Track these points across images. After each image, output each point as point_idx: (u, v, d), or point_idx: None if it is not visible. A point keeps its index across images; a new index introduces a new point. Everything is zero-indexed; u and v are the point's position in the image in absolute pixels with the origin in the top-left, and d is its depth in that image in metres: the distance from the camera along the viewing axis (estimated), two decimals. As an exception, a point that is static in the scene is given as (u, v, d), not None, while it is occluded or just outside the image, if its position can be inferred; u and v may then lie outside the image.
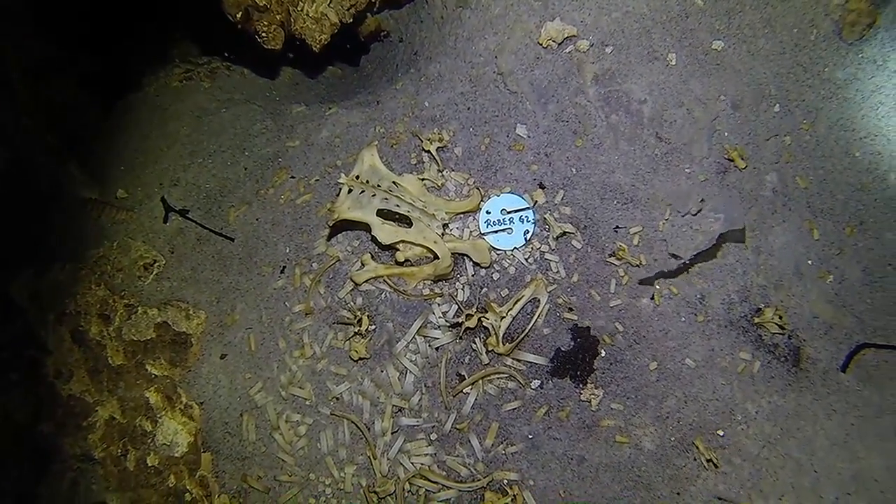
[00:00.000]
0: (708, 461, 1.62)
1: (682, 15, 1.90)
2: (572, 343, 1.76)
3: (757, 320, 1.72)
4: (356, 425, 1.77)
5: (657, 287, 1.77)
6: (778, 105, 1.90)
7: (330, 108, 2.24)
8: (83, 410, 1.55)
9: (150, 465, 1.60)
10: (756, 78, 1.90)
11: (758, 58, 1.91)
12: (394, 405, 1.77)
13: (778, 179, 1.85)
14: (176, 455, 1.66)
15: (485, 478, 1.70)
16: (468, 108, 1.98)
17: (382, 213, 1.82)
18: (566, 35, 1.90)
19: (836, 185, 1.93)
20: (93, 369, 1.62)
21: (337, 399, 1.80)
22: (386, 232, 1.80)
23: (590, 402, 1.71)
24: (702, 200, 1.78)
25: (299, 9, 2.07)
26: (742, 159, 1.83)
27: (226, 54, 2.50)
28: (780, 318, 1.71)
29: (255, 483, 1.78)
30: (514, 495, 1.68)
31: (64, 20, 2.42)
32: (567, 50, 1.91)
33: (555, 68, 1.92)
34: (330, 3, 2.13)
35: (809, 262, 1.79)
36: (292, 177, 2.09)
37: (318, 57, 2.26)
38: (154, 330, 1.80)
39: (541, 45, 1.92)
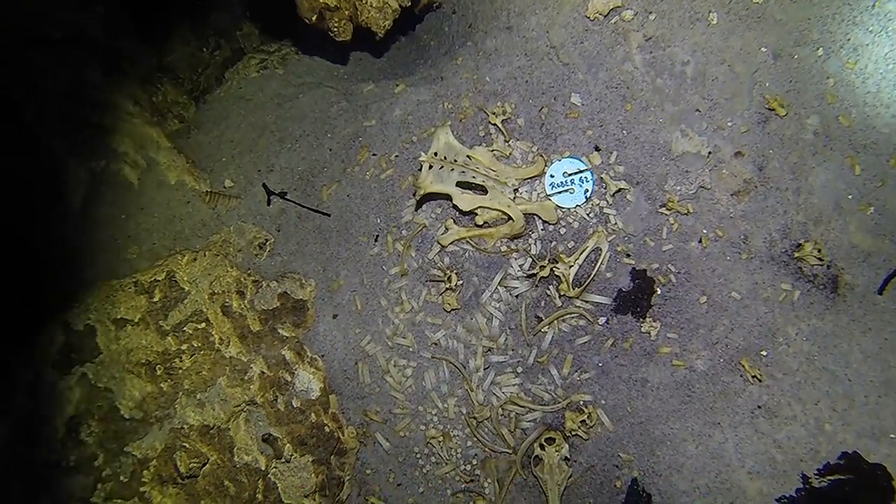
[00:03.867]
0: (753, 377, 1.93)
1: (721, -26, 2.03)
2: (632, 284, 2.05)
3: (797, 254, 1.96)
4: (454, 364, 2.14)
5: (704, 231, 2.02)
6: (821, 49, 2.02)
7: (398, 86, 2.49)
8: (242, 367, 1.95)
9: (295, 406, 2.02)
10: (798, 25, 2.02)
11: (801, 3, 2.02)
12: (484, 346, 2.12)
13: (819, 122, 2.01)
14: (312, 398, 2.07)
15: (564, 400, 2.06)
16: (526, 81, 2.20)
17: (461, 184, 2.11)
18: (611, 7, 2.07)
19: (881, 120, 2.03)
20: (241, 335, 2.02)
21: (435, 344, 2.17)
22: (465, 200, 2.09)
23: (649, 333, 2.02)
24: (738, 152, 1.99)
25: (364, 2, 2.29)
26: (782, 107, 2.01)
27: (294, 48, 2.74)
28: (819, 250, 1.94)
29: (374, 416, 2.19)
30: (588, 413, 2.03)
31: (151, 22, 2.70)
32: (613, 20, 2.09)
33: (602, 38, 2.10)
34: (390, -9, 2.34)
35: (850, 196, 1.99)
36: (374, 154, 2.38)
37: (382, 41, 2.49)
38: (278, 299, 2.18)
39: (588, 17, 2.10)
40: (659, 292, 2.03)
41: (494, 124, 2.19)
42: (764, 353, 1.95)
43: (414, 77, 2.52)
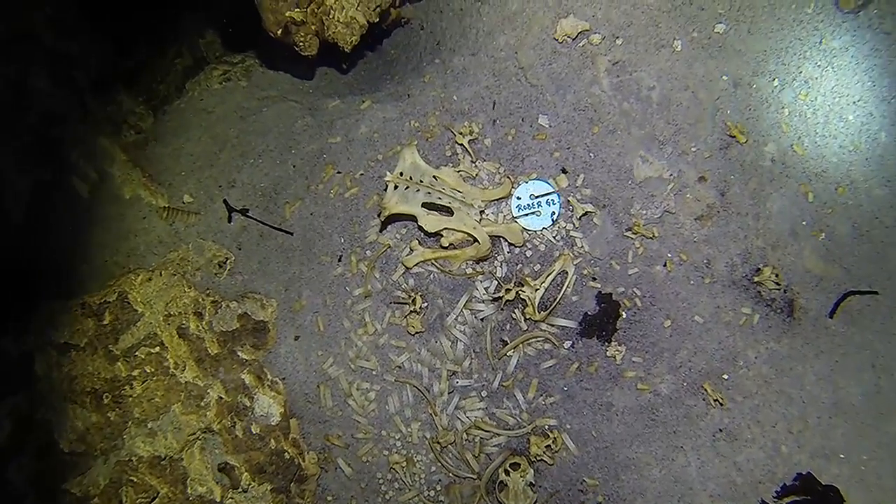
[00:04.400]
0: (715, 400, 1.94)
1: (686, 2, 2.07)
2: (597, 308, 2.05)
3: (756, 279, 1.99)
4: (418, 388, 2.10)
5: (669, 255, 2.03)
6: (777, 80, 2.08)
7: (364, 102, 2.45)
8: (198, 393, 1.88)
9: (254, 432, 1.95)
10: (756, 56, 2.08)
11: (758, 36, 2.08)
12: (448, 369, 2.09)
13: (776, 149, 2.06)
14: (272, 424, 2.01)
15: (529, 425, 2.04)
16: (493, 101, 2.19)
17: (426, 205, 2.08)
18: (580, 30, 2.08)
19: (829, 150, 2.13)
20: (198, 359, 1.94)
21: (399, 367, 2.12)
22: (431, 221, 2.07)
23: (614, 357, 2.02)
24: (701, 177, 2.02)
25: (331, 17, 2.25)
26: (742, 134, 2.04)
27: (258, 60, 2.68)
28: (777, 275, 1.97)
29: (336, 441, 2.13)
30: (554, 437, 2.02)
31: (108, 24, 2.58)
32: (581, 43, 2.10)
33: (570, 61, 2.11)
34: (357, 6, 2.30)
35: (804, 222, 2.04)
36: (338, 172, 2.33)
37: (348, 55, 2.45)
38: (237, 321, 2.11)
39: (557, 40, 2.11)
40: (624, 316, 2.04)
41: (461, 144, 2.17)
42: (725, 376, 1.97)
43: (380, 93, 2.49)
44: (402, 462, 2.10)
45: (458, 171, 2.14)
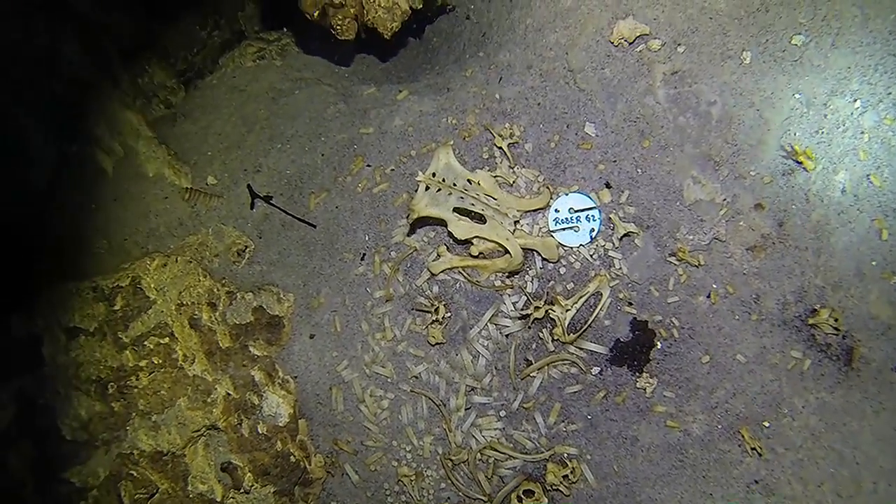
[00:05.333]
0: (752, 448, 1.80)
1: (761, 9, 1.88)
2: (631, 335, 1.91)
3: (811, 320, 1.82)
4: (433, 401, 2.00)
5: (714, 286, 1.88)
6: (859, 101, 1.88)
7: (401, 92, 2.32)
8: (206, 388, 1.81)
9: (261, 432, 1.88)
10: (837, 73, 1.87)
11: (842, 50, 1.88)
12: (467, 385, 1.98)
13: (848, 179, 1.87)
14: (280, 424, 1.93)
15: (547, 451, 1.93)
16: (538, 104, 2.04)
17: (458, 210, 1.95)
18: (638, 34, 1.91)
19: None
20: (208, 352, 1.87)
21: (416, 378, 2.02)
22: (461, 228, 1.94)
23: (644, 389, 1.88)
24: (758, 204, 1.85)
25: (371, 1, 2.12)
26: (810, 159, 1.86)
27: (294, 39, 2.57)
28: (836, 319, 1.80)
29: (345, 446, 2.05)
30: (572, 467, 1.90)
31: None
32: (638, 49, 1.93)
33: (625, 67, 1.95)
34: (401, -9, 2.16)
35: (874, 262, 1.85)
36: (368, 165, 2.22)
37: (388, 42, 2.32)
38: (252, 314, 2.03)
39: (612, 43, 1.95)
40: (659, 346, 1.89)
41: (500, 147, 2.04)
42: (766, 423, 1.82)
43: (419, 84, 2.36)
44: (412, 475, 2.01)
45: (495, 176, 2.00)
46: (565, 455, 1.93)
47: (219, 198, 2.29)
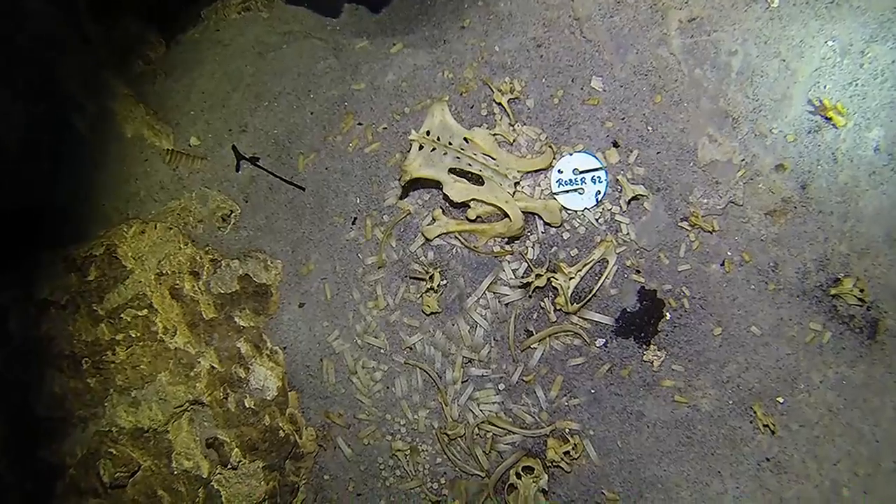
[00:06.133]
0: (764, 426, 1.69)
1: (790, -54, 1.69)
2: (638, 305, 1.80)
3: (834, 291, 1.69)
4: (428, 374, 1.90)
5: (728, 253, 1.75)
6: (902, 45, 1.70)
7: (394, 45, 2.16)
8: (189, 361, 1.71)
9: (248, 406, 1.79)
10: (880, 15, 1.68)
11: (887, -12, 1.69)
12: (464, 356, 1.88)
13: (883, 136, 1.71)
14: (268, 398, 1.85)
15: (548, 426, 1.84)
16: (541, 56, 1.88)
17: (454, 171, 1.82)
18: (653, -26, 1.73)
19: None
20: (191, 323, 1.77)
21: (410, 349, 1.93)
22: (457, 190, 1.81)
23: (652, 362, 1.78)
24: (780, 165, 1.70)
25: (361, -58, 1.94)
26: (841, 115, 1.70)
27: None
28: (861, 289, 1.67)
29: (337, 419, 1.97)
30: (574, 443, 1.81)
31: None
32: (652, -8, 1.75)
33: (636, 14, 1.78)
34: (393, -69, 1.98)
35: (904, 227, 1.71)
36: (359, 123, 2.08)
37: (380, -10, 2.15)
38: (238, 282, 1.92)
39: (623, -15, 1.77)
40: (668, 317, 1.78)
41: (500, 103, 1.89)
42: (780, 399, 1.71)
43: (414, 36, 2.19)
44: (406, 450, 1.93)
45: (494, 135, 1.86)
46: (567, 431, 1.84)
47: (202, 160, 2.16)
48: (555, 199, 1.81)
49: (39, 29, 1.90)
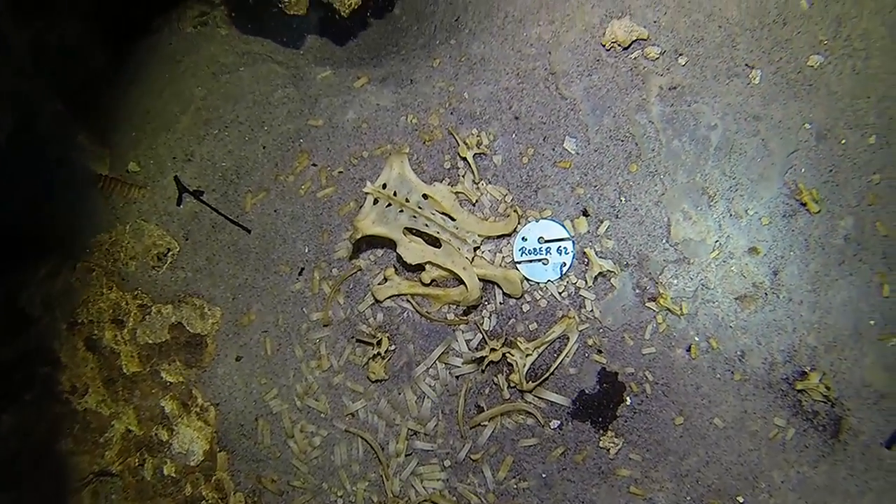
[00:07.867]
0: (722, 526, 1.60)
1: (778, 21, 1.60)
2: (598, 387, 1.69)
3: (800, 385, 1.61)
4: (370, 444, 1.76)
5: (696, 338, 1.65)
6: (875, 136, 1.64)
7: (359, 78, 2.01)
8: (100, 425, 1.54)
9: (166, 474, 1.63)
10: (854, 103, 1.63)
11: (863, 77, 1.62)
12: (409, 428, 1.75)
13: (854, 225, 1.64)
14: (192, 464, 1.68)
15: (494, 508, 1.71)
16: (511, 109, 1.76)
17: (410, 230, 1.68)
18: (634, 37, 1.63)
19: None
20: (108, 379, 1.60)
21: (352, 415, 1.78)
22: (412, 251, 1.68)
23: (608, 449, 1.67)
24: (753, 248, 1.61)
25: (327, -29, 1.78)
26: (815, 202, 1.62)
27: (244, 8, 2.21)
28: (827, 386, 1.59)
29: (269, 485, 1.81)
30: (521, 529, 1.69)
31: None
32: (633, 55, 1.65)
33: (616, 75, 1.66)
34: (362, -39, 1.83)
35: (872, 322, 1.64)
36: (314, 164, 1.93)
37: (347, 21, 1.99)
38: (168, 331, 1.76)
39: (603, 45, 1.66)
40: (628, 402, 1.67)
41: (464, 158, 1.76)
42: (741, 499, 1.62)
43: (380, 70, 2.04)
44: (342, 522, 1.79)
45: (456, 193, 1.73)
46: (514, 514, 1.72)
47: (140, 189, 1.98)
48: (516, 268, 1.69)
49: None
